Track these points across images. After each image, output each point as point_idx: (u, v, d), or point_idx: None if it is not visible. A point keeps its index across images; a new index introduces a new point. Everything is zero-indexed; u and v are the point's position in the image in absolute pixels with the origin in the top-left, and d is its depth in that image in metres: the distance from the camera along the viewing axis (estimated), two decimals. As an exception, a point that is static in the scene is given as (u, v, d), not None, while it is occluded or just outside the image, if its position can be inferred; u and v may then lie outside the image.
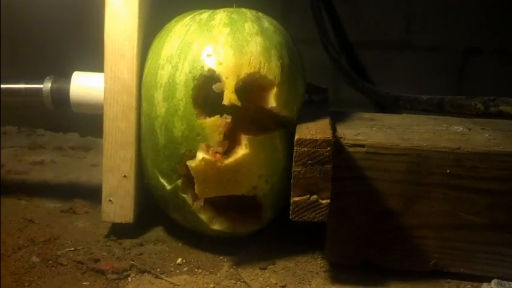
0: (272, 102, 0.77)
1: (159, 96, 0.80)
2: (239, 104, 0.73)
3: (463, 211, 0.75)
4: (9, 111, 1.33)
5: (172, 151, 0.79)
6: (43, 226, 0.91)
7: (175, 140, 0.78)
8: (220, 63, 0.76)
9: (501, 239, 0.75)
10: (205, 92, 0.77)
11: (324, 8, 1.32)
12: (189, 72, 0.77)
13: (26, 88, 0.95)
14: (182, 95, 0.77)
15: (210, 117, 0.76)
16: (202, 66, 0.76)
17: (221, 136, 0.75)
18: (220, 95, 0.74)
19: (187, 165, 0.76)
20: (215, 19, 0.81)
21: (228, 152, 0.77)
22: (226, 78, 0.75)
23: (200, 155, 0.75)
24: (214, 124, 0.75)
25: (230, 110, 0.75)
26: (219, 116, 0.75)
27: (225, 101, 0.73)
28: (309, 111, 0.85)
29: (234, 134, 0.77)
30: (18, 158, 1.27)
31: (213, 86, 0.75)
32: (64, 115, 1.18)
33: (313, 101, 0.97)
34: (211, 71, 0.76)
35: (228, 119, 0.75)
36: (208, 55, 0.77)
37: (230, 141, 0.77)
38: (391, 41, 1.32)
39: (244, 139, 0.77)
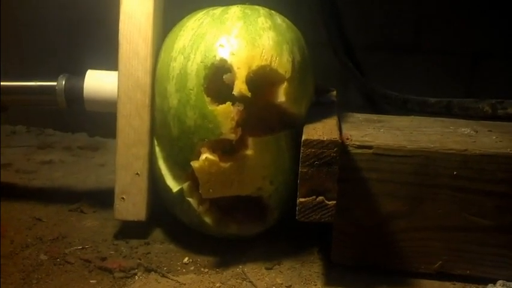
0: (281, 96, 0.77)
1: (171, 88, 0.80)
2: (249, 94, 0.73)
3: (470, 213, 0.75)
4: (21, 109, 1.34)
5: (185, 142, 0.79)
6: (51, 225, 0.92)
7: (188, 130, 0.78)
8: (233, 54, 0.76)
9: (508, 241, 0.75)
10: (216, 85, 0.77)
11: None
12: (201, 62, 0.77)
13: (39, 86, 0.96)
14: (193, 84, 0.77)
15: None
16: (215, 56, 0.76)
17: (233, 123, 0.74)
18: (232, 89, 0.74)
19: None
20: (229, 13, 0.81)
21: (232, 152, 0.77)
22: (238, 68, 0.75)
23: (204, 155, 0.76)
24: (226, 111, 0.74)
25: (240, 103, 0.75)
26: (230, 103, 0.75)
27: (235, 91, 0.74)
28: (317, 113, 0.85)
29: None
30: (27, 157, 1.28)
31: (224, 77, 0.75)
32: (73, 115, 1.19)
33: (321, 103, 0.97)
34: (223, 60, 0.76)
35: (240, 106, 0.75)
36: (220, 45, 0.77)
37: (235, 143, 0.77)
38: (401, 44, 1.31)
39: (249, 140, 0.77)
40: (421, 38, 1.30)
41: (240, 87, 0.74)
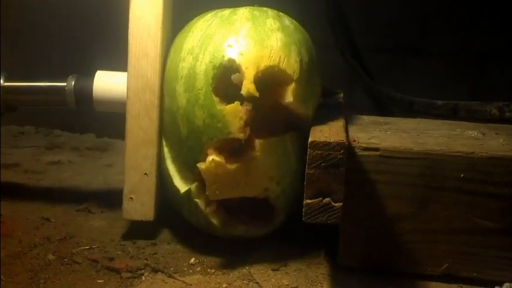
0: (289, 97, 0.77)
1: (180, 88, 0.81)
2: (257, 94, 0.74)
3: (476, 216, 0.75)
4: (29, 109, 1.35)
5: (194, 141, 0.80)
6: (59, 225, 0.93)
7: (197, 129, 0.79)
8: (241, 54, 0.76)
9: (514, 244, 0.75)
10: (225, 85, 0.77)
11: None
12: (209, 62, 0.78)
13: (48, 86, 0.97)
14: (202, 84, 0.78)
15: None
16: (223, 56, 0.77)
17: (242, 122, 0.75)
18: (240, 88, 0.74)
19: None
20: (237, 14, 0.82)
21: (239, 154, 0.77)
22: (246, 68, 0.75)
23: (210, 156, 0.76)
24: (235, 110, 0.75)
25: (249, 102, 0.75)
26: (238, 102, 0.75)
27: (244, 91, 0.74)
28: (323, 114, 0.85)
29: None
30: (35, 157, 1.29)
31: (232, 77, 0.76)
32: (81, 116, 1.20)
33: (327, 105, 0.97)
34: (231, 60, 0.76)
35: (248, 106, 0.75)
36: (229, 46, 0.77)
37: (242, 144, 0.77)
38: (406, 45, 1.31)
39: (255, 141, 0.77)
40: (426, 39, 1.30)
41: (248, 86, 0.74)
